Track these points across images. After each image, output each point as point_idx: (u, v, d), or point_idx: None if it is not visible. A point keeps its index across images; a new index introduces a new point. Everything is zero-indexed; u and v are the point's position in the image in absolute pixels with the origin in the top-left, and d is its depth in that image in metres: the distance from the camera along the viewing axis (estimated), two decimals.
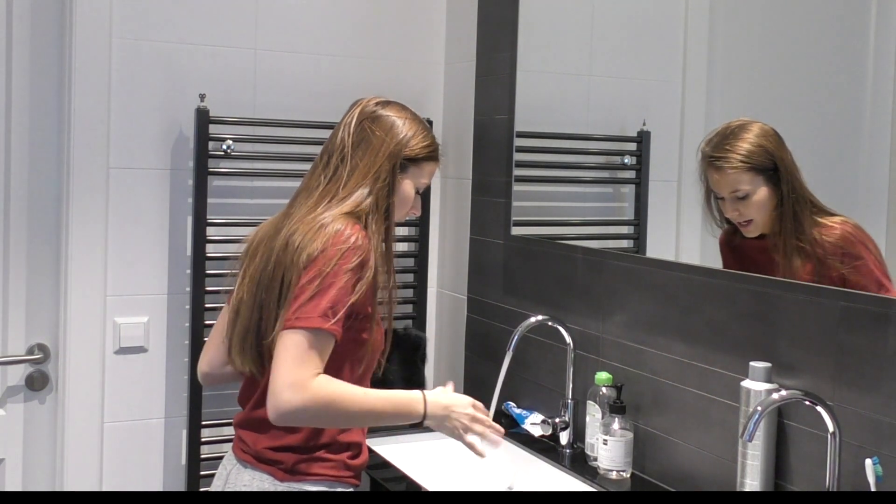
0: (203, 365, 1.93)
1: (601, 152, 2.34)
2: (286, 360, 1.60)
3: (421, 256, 2.74)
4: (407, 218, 1.88)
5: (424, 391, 1.75)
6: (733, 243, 1.85)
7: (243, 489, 1.75)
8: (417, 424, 1.73)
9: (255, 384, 1.80)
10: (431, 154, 1.85)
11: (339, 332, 1.64)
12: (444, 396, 1.77)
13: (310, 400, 1.59)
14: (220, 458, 1.91)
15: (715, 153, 1.82)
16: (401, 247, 2.74)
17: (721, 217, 1.84)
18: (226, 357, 1.85)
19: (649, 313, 1.99)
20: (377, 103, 1.85)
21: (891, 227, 1.58)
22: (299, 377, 1.59)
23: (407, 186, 1.82)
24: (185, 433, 2.51)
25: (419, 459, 2.21)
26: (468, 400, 1.79)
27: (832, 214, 1.68)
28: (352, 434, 1.78)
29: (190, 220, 2.47)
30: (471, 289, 2.67)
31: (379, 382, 1.81)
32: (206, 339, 2.43)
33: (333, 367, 1.67)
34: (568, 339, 2.17)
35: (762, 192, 1.76)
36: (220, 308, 2.42)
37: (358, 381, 1.75)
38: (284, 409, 1.58)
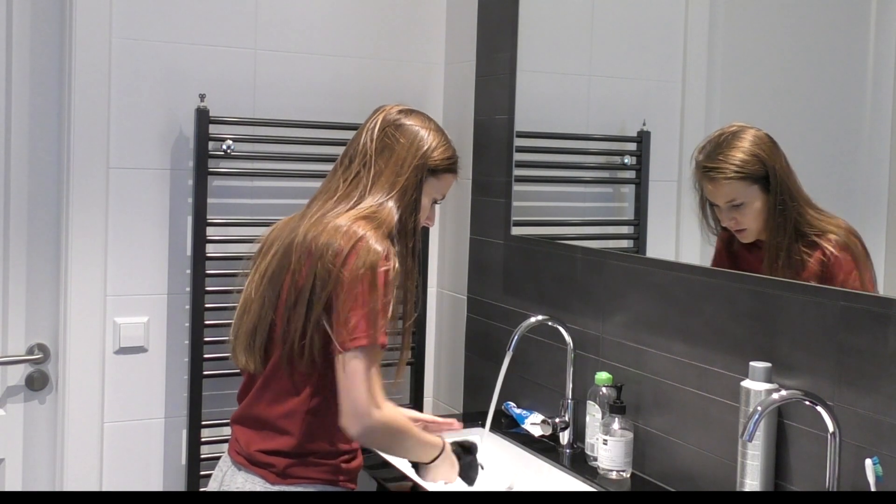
0: None
1: (601, 152, 2.34)
2: (361, 381, 1.65)
3: (421, 256, 2.74)
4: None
5: (447, 443, 1.85)
6: (731, 249, 1.84)
7: (236, 491, 1.75)
8: None
9: (253, 380, 1.80)
10: (451, 166, 1.86)
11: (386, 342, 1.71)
12: (452, 462, 1.86)
13: (394, 423, 1.69)
14: (220, 457, 1.91)
15: (708, 163, 1.81)
16: None
17: (717, 224, 1.84)
18: None
19: (649, 313, 1.99)
20: (400, 111, 1.85)
21: (891, 227, 1.58)
22: (381, 400, 1.67)
23: (424, 198, 1.83)
24: (185, 433, 2.51)
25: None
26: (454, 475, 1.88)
27: (832, 221, 1.67)
28: (345, 442, 1.78)
29: (190, 220, 2.47)
30: (471, 289, 2.67)
31: None
32: (206, 339, 2.45)
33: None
34: (568, 339, 2.17)
35: (758, 201, 1.75)
36: (221, 308, 2.44)
37: None
38: (371, 428, 1.66)
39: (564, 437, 2.16)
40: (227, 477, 1.79)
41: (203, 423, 2.46)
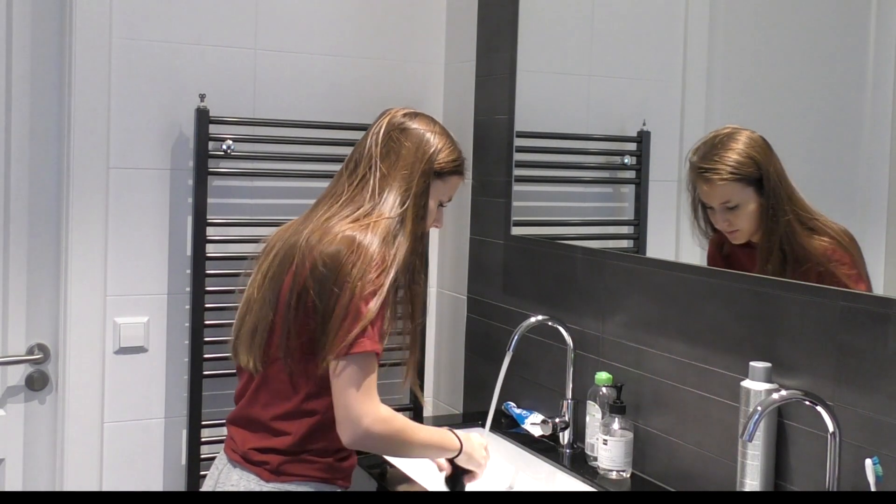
0: None
1: (601, 152, 2.34)
2: (353, 388, 1.66)
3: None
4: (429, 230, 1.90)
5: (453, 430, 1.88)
6: (722, 252, 1.84)
7: (231, 488, 1.76)
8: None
9: (250, 381, 1.81)
10: (457, 168, 1.86)
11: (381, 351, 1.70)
12: (471, 436, 1.90)
13: (386, 429, 1.69)
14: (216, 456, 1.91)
15: (703, 164, 1.81)
16: None
17: (707, 226, 1.84)
18: None
19: (649, 313, 1.99)
20: (405, 114, 1.85)
21: (891, 227, 1.57)
22: (373, 407, 1.67)
23: (431, 201, 1.83)
24: (185, 433, 2.51)
25: (419, 459, 2.21)
26: (483, 441, 1.93)
27: (828, 226, 1.66)
28: (340, 441, 1.78)
29: (190, 220, 2.47)
30: (471, 289, 2.67)
31: None
32: (206, 339, 2.45)
33: None
34: (568, 339, 2.17)
35: (752, 203, 1.75)
36: (221, 308, 2.44)
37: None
38: (362, 435, 1.67)
39: (564, 437, 2.16)
40: (223, 475, 1.80)
41: (203, 423, 2.46)
